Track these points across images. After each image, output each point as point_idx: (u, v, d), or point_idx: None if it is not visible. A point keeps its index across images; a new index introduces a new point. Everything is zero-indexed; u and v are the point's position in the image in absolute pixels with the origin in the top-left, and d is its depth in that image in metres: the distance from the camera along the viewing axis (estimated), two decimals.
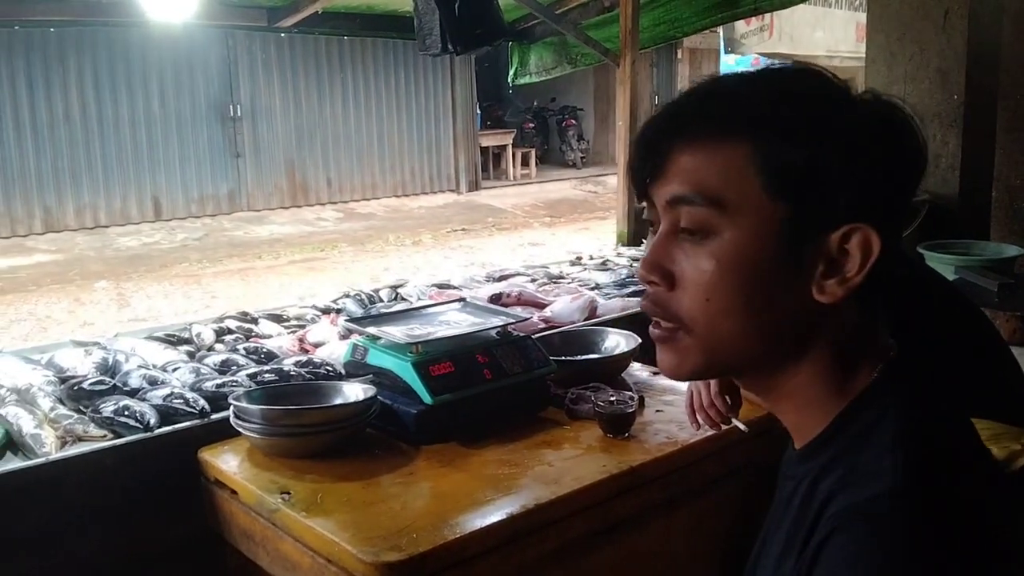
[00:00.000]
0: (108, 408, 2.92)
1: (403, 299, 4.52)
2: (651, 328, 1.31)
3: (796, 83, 1.22)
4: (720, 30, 18.33)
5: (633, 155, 1.30)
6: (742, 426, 2.65)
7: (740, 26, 16.39)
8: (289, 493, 2.47)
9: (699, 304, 1.23)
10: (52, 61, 15.48)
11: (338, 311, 4.30)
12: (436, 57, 5.72)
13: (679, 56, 25.03)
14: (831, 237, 1.17)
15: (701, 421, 2.66)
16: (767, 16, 16.02)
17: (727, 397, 2.60)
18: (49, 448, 2.74)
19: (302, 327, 4.08)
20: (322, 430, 2.69)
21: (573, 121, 24.58)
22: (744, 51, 17.96)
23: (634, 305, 4.38)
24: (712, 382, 2.61)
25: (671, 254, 1.25)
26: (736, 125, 1.19)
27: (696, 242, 1.22)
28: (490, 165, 23.23)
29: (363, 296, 4.50)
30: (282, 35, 16.63)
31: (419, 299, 4.41)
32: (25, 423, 2.85)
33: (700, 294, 1.22)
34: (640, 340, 3.35)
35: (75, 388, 3.11)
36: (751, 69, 1.26)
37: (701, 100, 1.24)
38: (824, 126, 1.16)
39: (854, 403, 1.21)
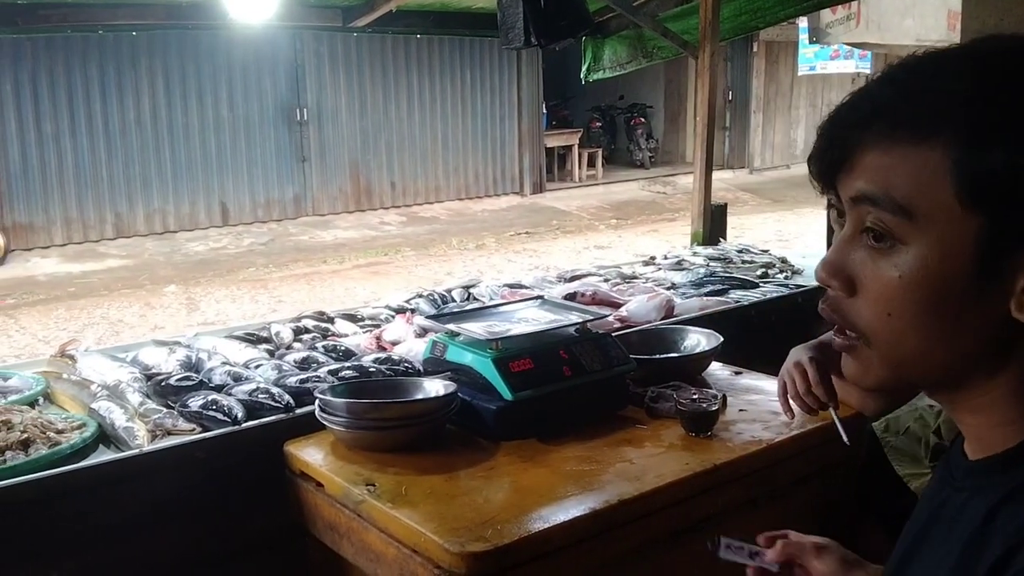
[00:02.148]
0: (196, 403, 2.98)
1: (475, 299, 4.53)
2: (834, 333, 1.24)
3: (1010, 76, 1.06)
4: (801, 20, 18.06)
5: (818, 141, 1.20)
6: (845, 437, 2.62)
7: (826, 15, 16.04)
8: (374, 485, 2.50)
9: (880, 318, 1.15)
10: (125, 67, 15.65)
11: (412, 311, 4.33)
12: (518, 50, 5.69)
13: (755, 49, 24.67)
14: None
15: (796, 408, 2.65)
16: (854, 4, 15.67)
17: (819, 390, 2.59)
18: (141, 441, 2.80)
19: (377, 326, 4.12)
20: (405, 424, 2.74)
21: (642, 119, 24.12)
22: (830, 40, 17.52)
23: (713, 304, 4.37)
24: (810, 369, 2.60)
25: (853, 257, 1.17)
26: (934, 125, 1.07)
27: (880, 249, 1.13)
28: (555, 166, 22.94)
29: (436, 296, 4.53)
30: (351, 35, 16.73)
31: (491, 299, 4.41)
32: (117, 417, 2.92)
33: (881, 307, 1.14)
34: (722, 339, 3.34)
35: (162, 384, 3.19)
36: (959, 55, 1.12)
37: (898, 92, 1.12)
38: None
39: None
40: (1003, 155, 1.01)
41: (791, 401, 2.69)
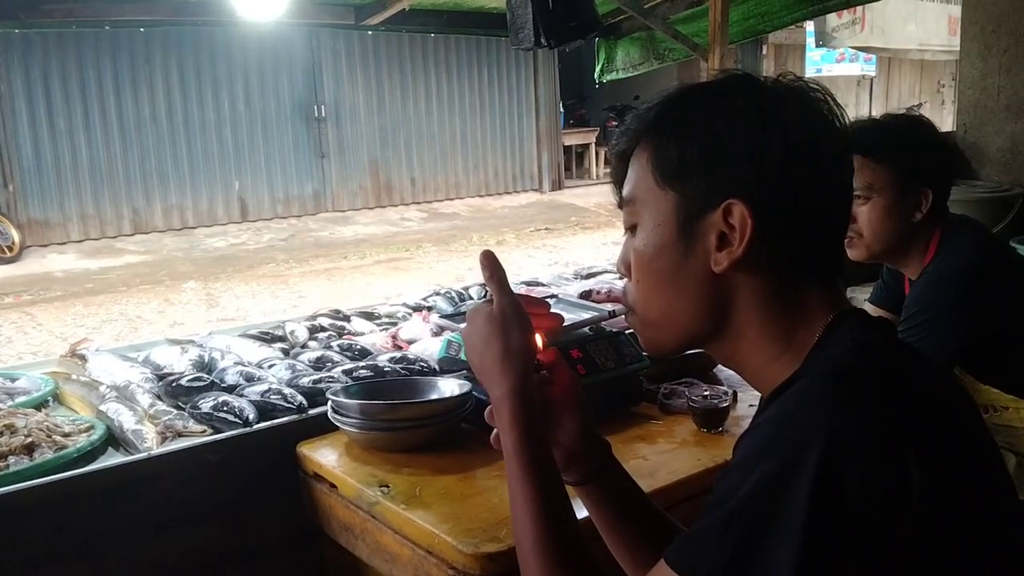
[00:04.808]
0: (207, 404, 2.95)
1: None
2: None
3: (679, 94, 1.47)
4: (808, 24, 18.20)
5: (611, 171, 1.59)
6: None
7: (831, 19, 16.27)
8: (388, 486, 2.49)
9: (635, 287, 1.51)
10: (139, 62, 15.76)
11: (429, 308, 4.31)
12: (528, 51, 5.69)
13: (764, 52, 24.78)
14: (715, 213, 1.37)
15: None
16: (859, 9, 15.86)
17: None
18: (150, 443, 2.78)
19: (393, 324, 4.10)
20: (419, 424, 2.71)
21: None
22: (835, 44, 17.84)
23: None
24: None
25: (627, 249, 1.53)
26: (642, 136, 1.47)
27: (630, 236, 1.51)
28: (573, 164, 23.31)
29: (453, 294, 4.51)
30: (367, 33, 16.77)
31: None
32: (126, 419, 2.90)
33: (633, 277, 1.50)
34: None
35: (173, 385, 3.16)
36: (656, 98, 1.48)
37: (631, 122, 1.50)
38: (693, 124, 1.40)
39: (814, 349, 1.38)
40: (675, 149, 1.40)
41: None
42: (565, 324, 3.05)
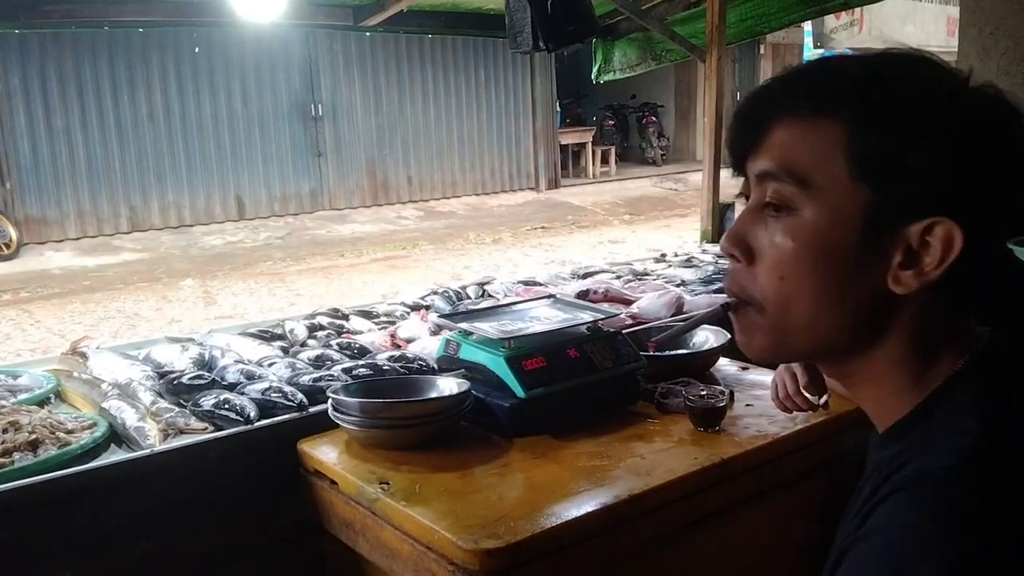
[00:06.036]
0: (208, 402, 2.97)
1: (490, 296, 4.53)
2: (729, 306, 1.34)
3: (899, 69, 1.21)
4: (807, 25, 18.24)
5: (731, 128, 1.30)
6: (821, 402, 2.73)
7: (830, 20, 16.36)
8: (388, 483, 2.50)
9: (773, 283, 1.24)
10: (136, 61, 15.75)
11: (427, 307, 4.33)
12: (526, 55, 5.70)
13: (762, 52, 24.77)
14: (912, 228, 1.15)
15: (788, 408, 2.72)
16: (857, 10, 15.93)
17: (811, 390, 2.70)
18: (153, 440, 2.79)
19: (392, 323, 4.11)
20: (419, 422, 2.73)
21: (653, 118, 24.51)
22: (833, 46, 17.95)
23: (721, 301, 4.37)
24: (798, 374, 2.65)
25: (754, 229, 1.26)
26: (831, 105, 1.18)
27: (778, 219, 1.22)
28: (569, 163, 23.39)
29: (451, 293, 4.53)
30: (364, 34, 16.75)
31: (506, 296, 4.41)
32: (128, 416, 2.91)
33: (775, 272, 1.23)
34: (729, 336, 3.35)
35: (174, 383, 3.17)
36: (858, 52, 1.24)
37: (804, 77, 1.25)
38: (918, 116, 1.15)
39: (936, 393, 1.21)
40: (896, 138, 1.14)
41: (783, 403, 2.74)
42: (567, 325, 3.10)
